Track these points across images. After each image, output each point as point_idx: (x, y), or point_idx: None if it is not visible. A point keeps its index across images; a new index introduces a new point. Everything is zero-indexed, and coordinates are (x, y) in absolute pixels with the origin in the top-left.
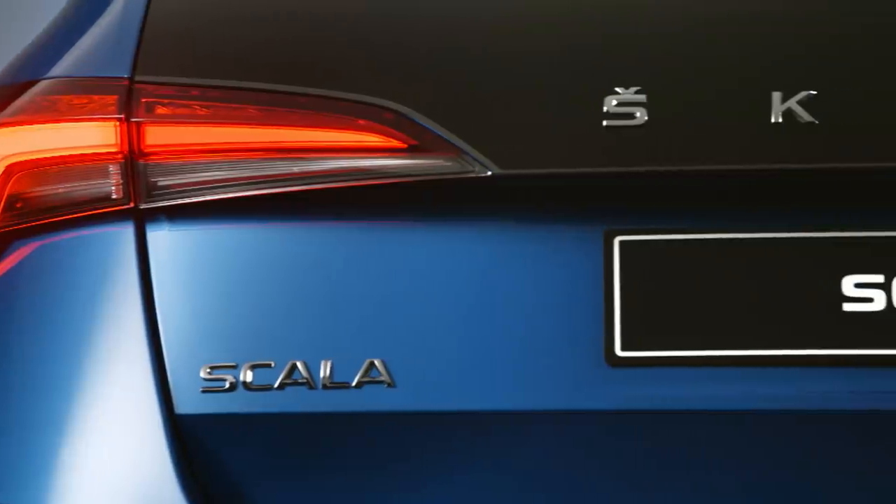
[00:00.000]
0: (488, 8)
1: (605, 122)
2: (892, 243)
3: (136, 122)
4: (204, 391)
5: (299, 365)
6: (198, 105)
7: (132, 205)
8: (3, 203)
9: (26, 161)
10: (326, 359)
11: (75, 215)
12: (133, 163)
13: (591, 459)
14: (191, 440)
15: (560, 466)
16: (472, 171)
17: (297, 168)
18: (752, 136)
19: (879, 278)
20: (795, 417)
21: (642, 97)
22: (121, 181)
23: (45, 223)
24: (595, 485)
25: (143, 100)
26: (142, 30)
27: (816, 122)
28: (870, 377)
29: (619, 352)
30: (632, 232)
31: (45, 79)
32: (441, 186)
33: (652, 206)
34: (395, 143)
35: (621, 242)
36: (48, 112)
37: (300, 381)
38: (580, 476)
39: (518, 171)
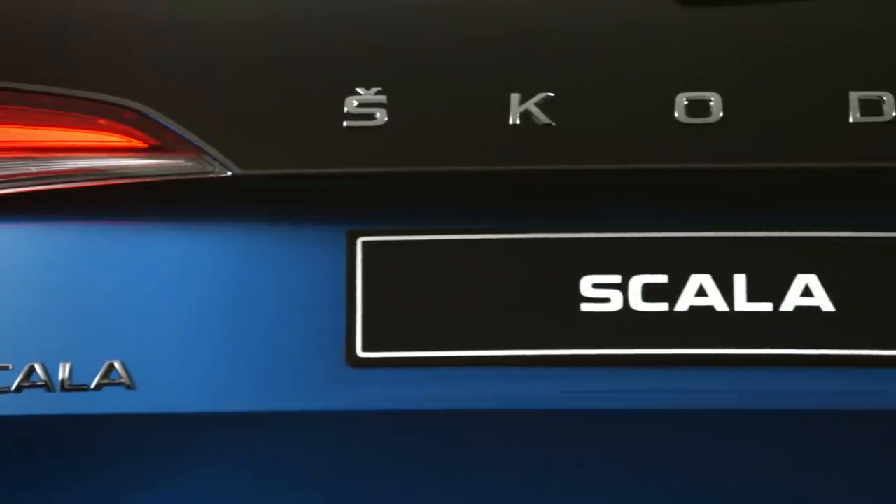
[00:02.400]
0: (232, 10)
1: (345, 123)
2: (630, 243)
3: None
4: None
5: (37, 367)
6: None
7: None
8: None
9: None
10: (66, 360)
11: None
12: None
13: (333, 460)
14: None
15: (304, 466)
16: (213, 172)
17: (35, 168)
18: (491, 137)
19: (617, 279)
20: (537, 416)
21: (383, 98)
22: None
23: None
24: (336, 485)
25: None
26: None
27: (554, 123)
28: (603, 377)
29: (360, 353)
30: (374, 233)
31: None
32: (183, 186)
33: (395, 207)
34: (135, 143)
35: (364, 243)
36: None
37: (38, 383)
38: (324, 476)
39: (259, 171)
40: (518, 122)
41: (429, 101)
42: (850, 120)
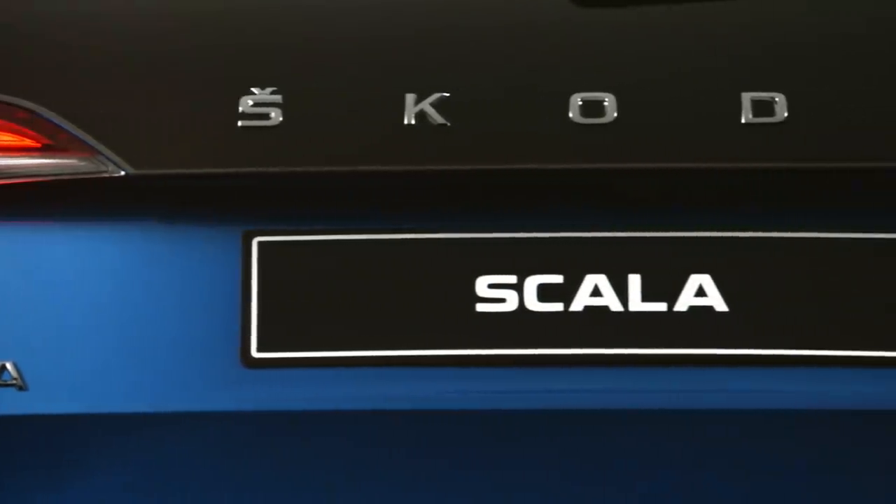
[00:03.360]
0: (126, 9)
1: (240, 123)
2: (525, 243)
3: None
4: None
5: None
6: None
7: None
8: None
9: None
10: None
11: None
12: None
13: (228, 460)
14: None
15: (199, 466)
16: (106, 171)
17: None
18: (386, 138)
19: (512, 279)
20: (431, 416)
21: (278, 98)
22: None
23: None
24: (231, 485)
25: None
26: None
27: (449, 123)
28: (498, 377)
29: (255, 353)
30: (270, 233)
31: None
32: (76, 186)
33: (291, 208)
34: (28, 142)
35: (260, 243)
36: None
37: None
38: (219, 476)
39: (153, 171)
40: (413, 122)
41: (324, 101)
42: (743, 121)
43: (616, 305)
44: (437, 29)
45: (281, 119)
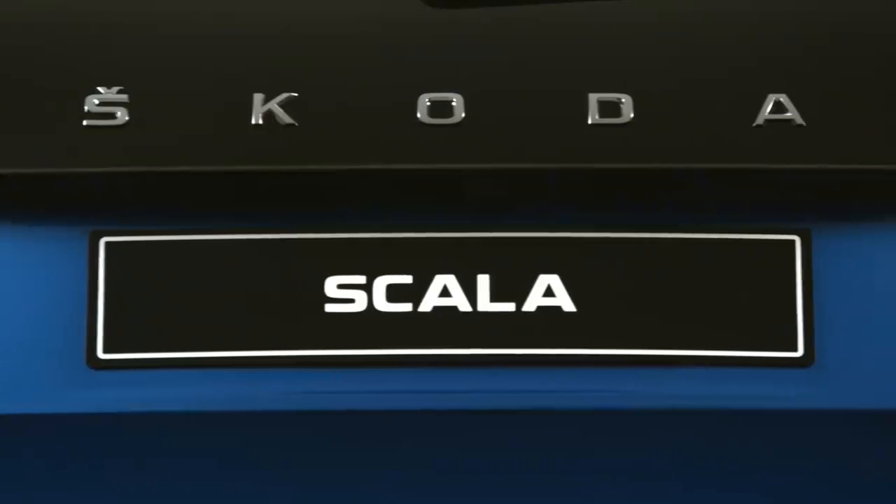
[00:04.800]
0: None
1: (86, 122)
2: (375, 244)
3: None
4: None
5: None
6: None
7: None
8: None
9: None
10: None
11: None
12: None
13: (77, 463)
14: None
15: (44, 468)
16: None
17: None
18: (233, 137)
19: (361, 279)
20: (280, 417)
21: (124, 97)
22: None
23: None
24: (76, 486)
25: None
26: None
27: (297, 123)
28: (347, 378)
29: (101, 354)
30: (117, 233)
31: None
32: None
33: (138, 207)
34: None
35: (107, 244)
36: None
37: None
38: (64, 478)
39: None
40: (261, 122)
41: (171, 99)
42: (590, 122)
43: (465, 306)
44: (289, 27)
45: (127, 118)
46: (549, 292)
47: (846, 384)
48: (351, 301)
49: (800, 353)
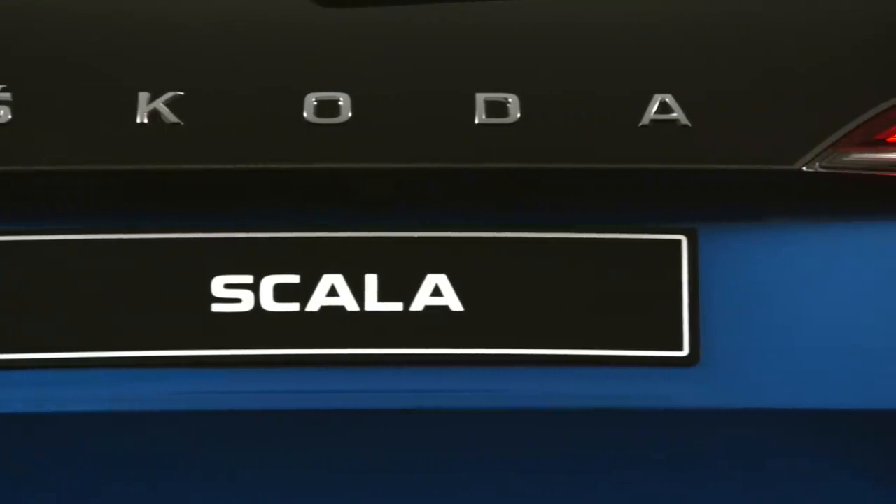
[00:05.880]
0: None
1: None
2: (262, 243)
3: None
4: None
5: None
6: None
7: None
8: None
9: None
10: None
11: None
12: None
13: None
14: None
15: None
16: None
17: None
18: (113, 135)
19: (248, 279)
20: (158, 417)
21: (7, 95)
22: None
23: None
24: None
25: None
26: None
27: (181, 122)
28: (233, 378)
29: None
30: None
31: None
32: None
33: (24, 207)
34: None
35: None
36: None
37: None
38: None
39: None
40: (146, 120)
41: (55, 98)
42: (477, 121)
43: (352, 305)
44: (176, 26)
45: (10, 117)
46: (436, 292)
47: (731, 383)
48: (238, 301)
49: (685, 352)
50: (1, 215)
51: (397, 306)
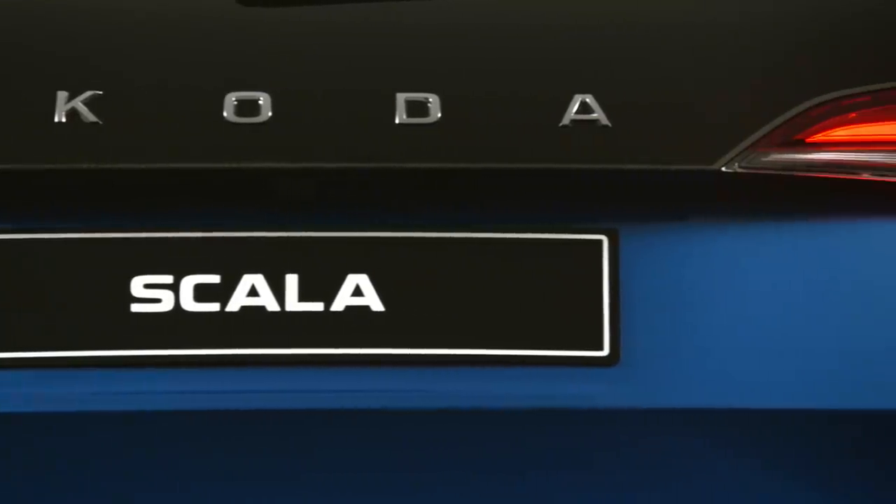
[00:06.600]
0: None
1: None
2: (182, 243)
3: None
4: None
5: None
6: None
7: None
8: None
9: None
10: None
11: None
12: None
13: None
14: None
15: None
16: None
17: None
18: (33, 134)
19: (168, 279)
20: (82, 417)
21: None
22: None
23: None
24: None
25: None
26: None
27: (102, 122)
28: (152, 378)
29: None
30: None
31: None
32: None
33: None
34: None
35: None
36: None
37: None
38: None
39: None
40: (64, 119)
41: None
42: (397, 121)
43: (273, 305)
44: (96, 23)
45: None
46: (357, 292)
47: (651, 383)
48: (157, 301)
49: (605, 352)
50: None
51: (318, 306)
